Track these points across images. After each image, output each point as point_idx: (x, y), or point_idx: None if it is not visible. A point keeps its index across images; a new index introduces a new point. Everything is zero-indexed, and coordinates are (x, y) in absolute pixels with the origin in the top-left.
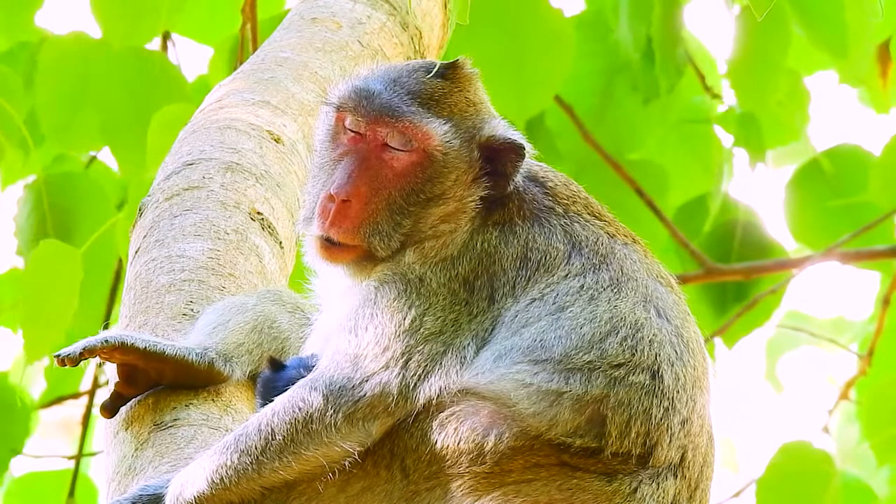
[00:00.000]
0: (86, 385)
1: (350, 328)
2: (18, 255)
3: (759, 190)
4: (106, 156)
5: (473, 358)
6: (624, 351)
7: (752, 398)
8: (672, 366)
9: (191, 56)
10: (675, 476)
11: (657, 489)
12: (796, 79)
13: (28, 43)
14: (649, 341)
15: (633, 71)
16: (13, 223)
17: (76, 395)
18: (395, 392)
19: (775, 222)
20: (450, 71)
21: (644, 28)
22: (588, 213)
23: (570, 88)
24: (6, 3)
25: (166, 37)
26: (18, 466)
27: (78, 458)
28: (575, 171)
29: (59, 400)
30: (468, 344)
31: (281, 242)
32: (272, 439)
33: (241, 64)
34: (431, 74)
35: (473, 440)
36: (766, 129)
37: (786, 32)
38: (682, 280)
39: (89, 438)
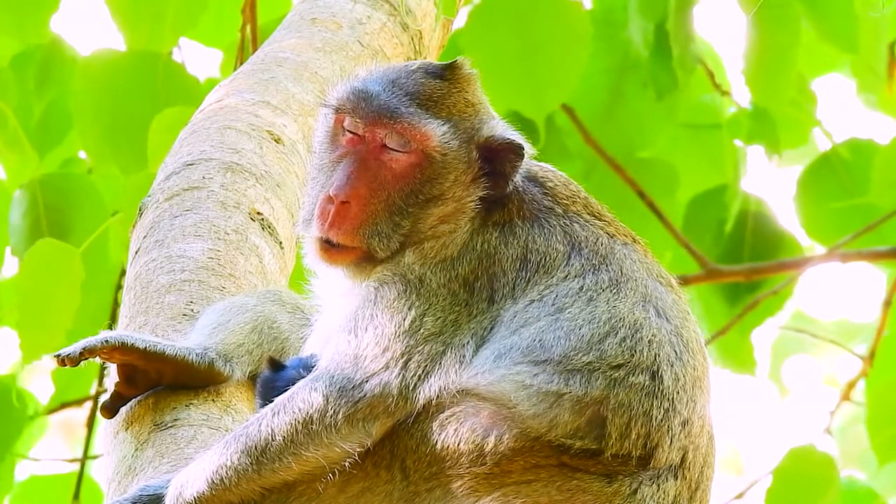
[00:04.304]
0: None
1: (350, 329)
2: (14, 255)
3: (769, 188)
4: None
5: (473, 358)
6: (623, 351)
7: (755, 399)
8: (672, 366)
9: (196, 59)
10: (676, 477)
11: (657, 490)
12: (804, 81)
13: (40, 46)
14: (648, 341)
15: (643, 68)
16: (9, 222)
17: (85, 399)
18: (395, 392)
19: (787, 220)
20: (448, 72)
21: (652, 25)
22: (588, 213)
23: (579, 87)
24: (19, 6)
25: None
26: (22, 469)
27: (83, 460)
28: (585, 170)
29: (69, 404)
30: (468, 344)
31: (281, 243)
32: (272, 440)
33: (241, 64)
34: (427, 75)
35: (473, 441)
36: (779, 128)
37: (796, 26)
38: (683, 281)
39: (93, 440)
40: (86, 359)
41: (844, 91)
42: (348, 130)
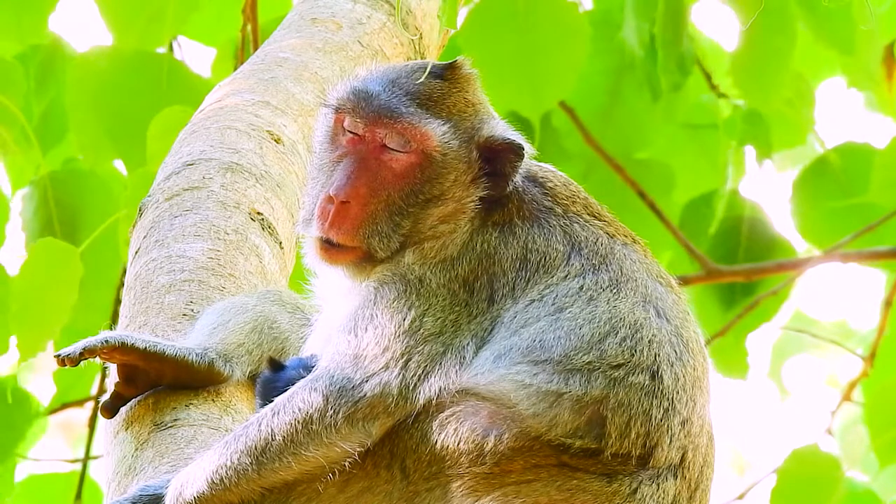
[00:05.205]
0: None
1: (350, 329)
2: (27, 251)
3: (767, 189)
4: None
5: (473, 358)
6: (623, 351)
7: (756, 400)
8: (672, 366)
9: (197, 59)
10: (676, 476)
11: (657, 490)
12: (803, 83)
13: (40, 46)
14: (648, 341)
15: (639, 69)
16: (20, 219)
17: (86, 400)
18: (395, 392)
19: (783, 222)
20: (448, 71)
21: (648, 26)
22: (587, 214)
23: (577, 87)
24: (18, 7)
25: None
26: (22, 469)
27: (84, 460)
28: (583, 171)
29: (70, 405)
30: (468, 344)
31: (281, 243)
32: (272, 440)
33: (241, 64)
34: (427, 75)
35: (473, 441)
36: (774, 130)
37: (791, 29)
38: (683, 281)
39: (94, 440)
40: (86, 359)
41: (846, 93)
42: (348, 130)
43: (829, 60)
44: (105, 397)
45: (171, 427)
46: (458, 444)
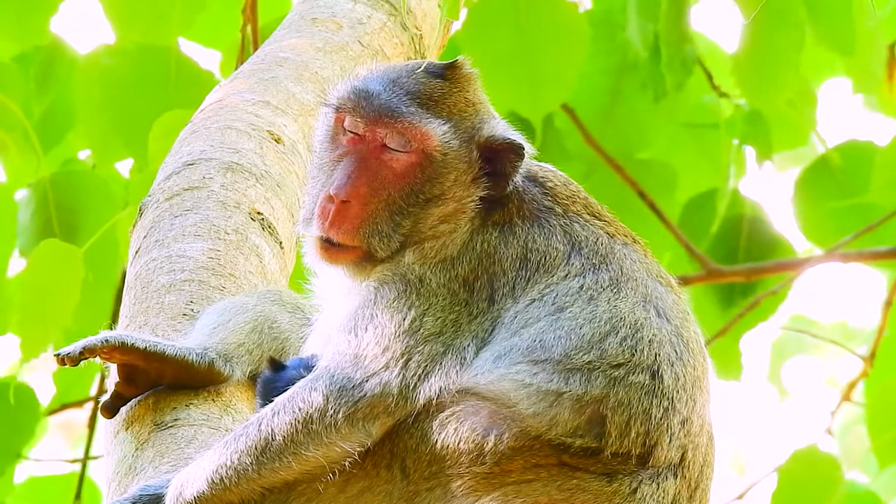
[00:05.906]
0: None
1: (350, 328)
2: (22, 256)
3: (768, 189)
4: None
5: (473, 358)
6: (623, 351)
7: (756, 400)
8: (672, 365)
9: (196, 59)
10: (675, 476)
11: (657, 489)
12: (805, 83)
13: (42, 46)
14: (649, 341)
15: (642, 69)
16: (17, 222)
17: (86, 400)
18: (395, 392)
19: (785, 222)
20: (449, 71)
21: (652, 26)
22: (588, 213)
23: (579, 88)
24: (19, 7)
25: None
26: (22, 469)
27: (84, 461)
28: (585, 172)
29: (69, 405)
30: (468, 345)
31: (281, 242)
32: (272, 439)
33: (241, 64)
34: (429, 74)
35: (473, 440)
36: (775, 130)
37: (798, 30)
38: (683, 281)
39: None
40: (86, 358)
41: (846, 94)
42: (349, 130)
43: (831, 61)
44: (105, 397)
45: (171, 427)
46: (459, 444)
